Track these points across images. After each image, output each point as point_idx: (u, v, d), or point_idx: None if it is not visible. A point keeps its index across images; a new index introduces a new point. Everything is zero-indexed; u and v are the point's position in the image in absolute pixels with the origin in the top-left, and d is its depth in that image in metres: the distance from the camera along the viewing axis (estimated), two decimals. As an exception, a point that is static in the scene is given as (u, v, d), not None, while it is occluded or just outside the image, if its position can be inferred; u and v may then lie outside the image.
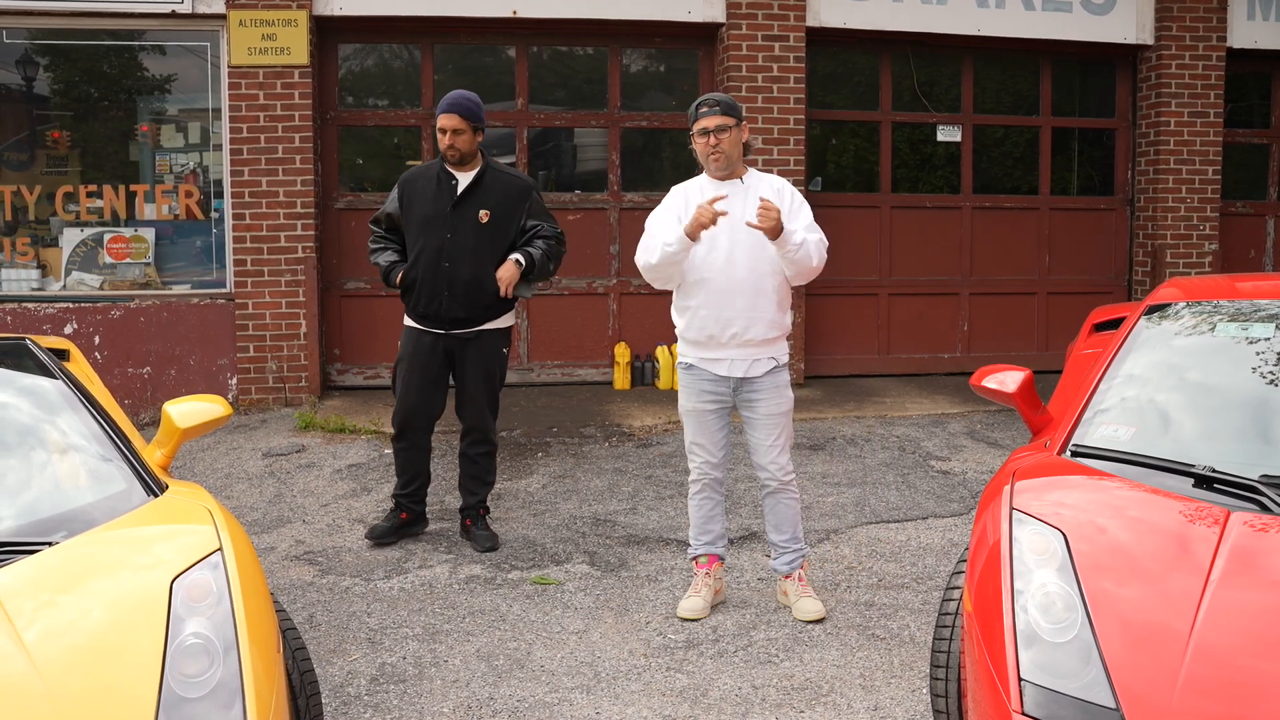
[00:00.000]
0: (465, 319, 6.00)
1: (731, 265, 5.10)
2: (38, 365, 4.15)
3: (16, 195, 9.19)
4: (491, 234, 6.00)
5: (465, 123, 5.93)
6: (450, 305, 5.96)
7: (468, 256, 5.94)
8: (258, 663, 2.96)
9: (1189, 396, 4.05)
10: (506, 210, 6.03)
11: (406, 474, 6.30)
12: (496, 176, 6.08)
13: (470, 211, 5.98)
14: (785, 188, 5.26)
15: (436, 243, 5.95)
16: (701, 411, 5.27)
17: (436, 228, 5.97)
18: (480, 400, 6.15)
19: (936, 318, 10.53)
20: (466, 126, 5.93)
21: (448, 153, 5.98)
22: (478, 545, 6.18)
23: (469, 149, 5.98)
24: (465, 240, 5.95)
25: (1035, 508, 3.46)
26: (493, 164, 6.14)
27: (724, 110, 5.13)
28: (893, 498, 7.09)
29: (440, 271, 5.94)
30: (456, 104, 5.96)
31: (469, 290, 5.95)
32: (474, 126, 5.96)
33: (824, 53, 10.13)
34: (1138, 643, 2.99)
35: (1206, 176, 10.50)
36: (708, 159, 5.18)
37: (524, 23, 9.43)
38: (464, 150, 5.97)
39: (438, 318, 6.01)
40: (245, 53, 8.93)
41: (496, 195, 6.02)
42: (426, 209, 6.01)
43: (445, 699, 4.47)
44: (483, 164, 6.06)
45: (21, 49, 9.19)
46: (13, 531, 3.32)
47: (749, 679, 4.62)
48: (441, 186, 6.01)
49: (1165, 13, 10.28)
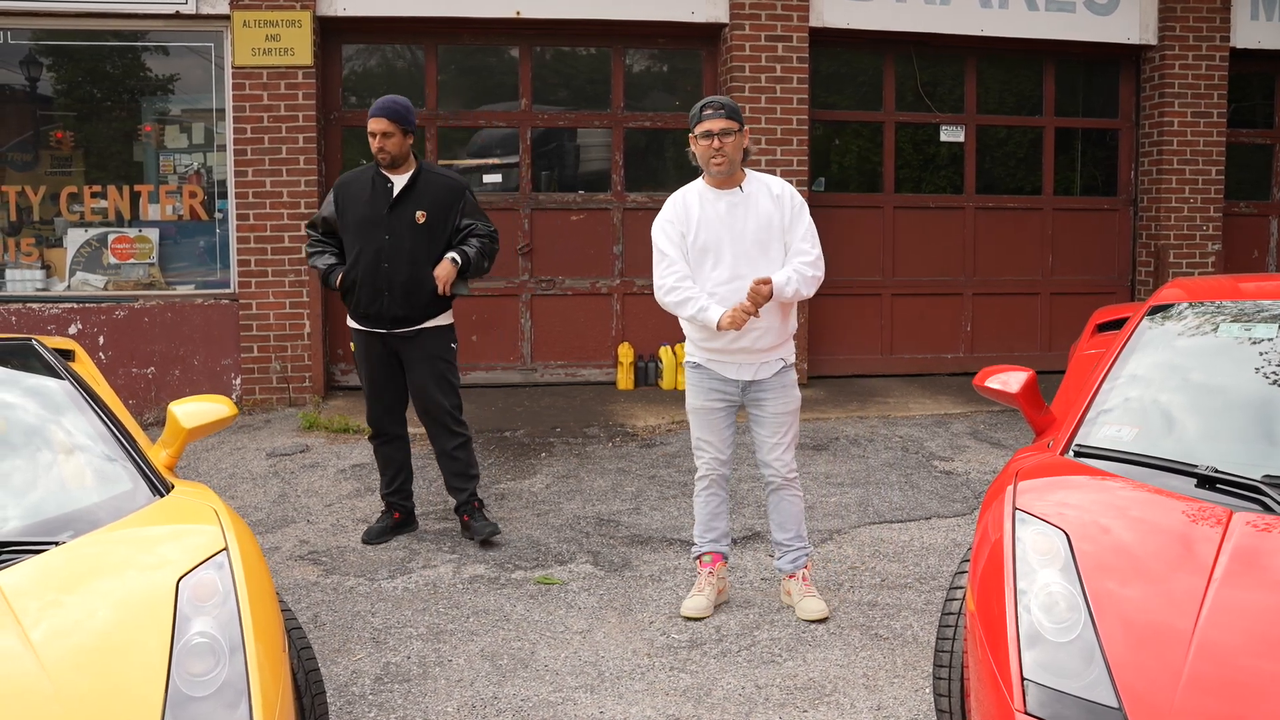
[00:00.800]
0: (405, 318, 6.11)
1: (736, 280, 5.10)
2: (43, 365, 4.17)
3: (21, 196, 9.21)
4: (428, 234, 6.12)
5: (394, 125, 6.05)
6: (390, 305, 6.07)
7: (405, 257, 6.07)
8: (263, 662, 2.97)
9: (1192, 397, 4.05)
10: (441, 211, 6.15)
11: (389, 471, 6.43)
12: (430, 178, 6.21)
13: (406, 213, 6.10)
14: (785, 191, 5.23)
15: (375, 245, 6.08)
16: (709, 409, 5.28)
17: (374, 230, 6.10)
18: (435, 396, 6.22)
19: (939, 318, 10.53)
20: (395, 129, 6.06)
21: (379, 155, 6.11)
22: (478, 534, 6.24)
23: (399, 151, 6.10)
24: (402, 241, 6.08)
25: (1038, 508, 3.47)
26: (426, 165, 6.31)
27: (728, 114, 5.11)
28: (896, 498, 7.09)
29: (380, 272, 6.06)
30: (385, 108, 6.10)
31: (407, 290, 6.06)
32: (403, 129, 6.09)
33: (827, 53, 10.13)
34: (1140, 642, 2.99)
35: (1210, 177, 10.50)
36: (709, 162, 5.13)
37: (527, 23, 9.44)
38: (394, 153, 6.09)
39: (379, 318, 6.12)
40: (249, 53, 8.94)
41: (431, 196, 6.15)
42: (363, 212, 6.13)
43: (449, 698, 4.48)
44: (417, 166, 6.21)
45: (26, 49, 9.20)
46: (19, 531, 3.33)
47: (752, 678, 4.63)
48: (377, 189, 6.14)
49: (1168, 13, 10.28)
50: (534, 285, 9.82)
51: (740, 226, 5.10)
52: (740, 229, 5.10)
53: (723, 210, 5.14)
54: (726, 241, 5.10)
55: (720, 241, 5.10)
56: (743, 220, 5.11)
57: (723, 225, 5.12)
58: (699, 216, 5.15)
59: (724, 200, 5.16)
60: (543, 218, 9.81)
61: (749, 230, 5.11)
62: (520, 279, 9.79)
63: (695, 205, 5.19)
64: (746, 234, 5.11)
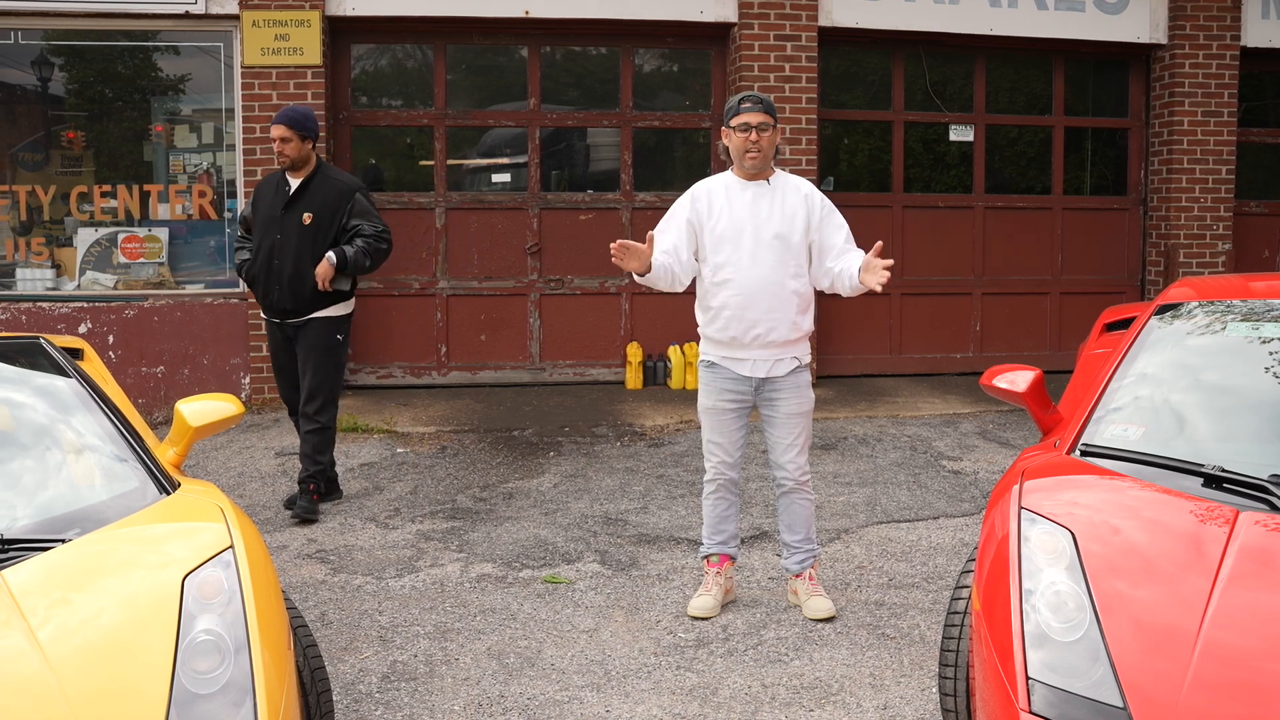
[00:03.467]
0: (293, 310, 6.65)
1: (756, 268, 5.10)
2: (52, 365, 4.18)
3: (31, 195, 9.25)
4: (313, 234, 6.58)
5: (292, 132, 6.53)
6: (280, 298, 6.64)
7: (291, 255, 6.58)
8: (269, 660, 2.98)
9: (1199, 396, 4.04)
10: (328, 212, 6.60)
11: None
12: (323, 181, 6.67)
13: (296, 214, 6.60)
14: (813, 193, 5.24)
15: (270, 242, 6.63)
16: (721, 410, 5.26)
17: (270, 229, 6.65)
18: (310, 380, 6.69)
19: (949, 317, 10.51)
20: (293, 135, 6.53)
21: (279, 159, 6.63)
22: (294, 510, 6.66)
23: (298, 155, 6.58)
24: (290, 240, 6.59)
25: (1044, 507, 3.46)
26: (324, 169, 6.76)
27: (765, 109, 5.12)
28: (904, 497, 7.09)
29: (272, 268, 6.63)
30: (283, 116, 6.59)
31: (292, 284, 6.59)
32: (301, 135, 6.56)
33: (836, 52, 10.13)
34: (1146, 642, 2.99)
35: (1220, 176, 10.47)
36: (744, 155, 5.12)
37: (536, 23, 9.45)
38: (293, 156, 6.58)
39: (272, 308, 6.72)
40: (258, 53, 8.96)
41: (320, 198, 6.61)
42: (266, 212, 6.71)
43: (456, 697, 4.48)
44: (314, 169, 6.68)
45: (37, 50, 9.24)
46: (27, 529, 3.34)
47: (759, 678, 4.63)
48: (278, 191, 6.70)
49: (1179, 12, 10.26)
50: (543, 285, 9.82)
51: (764, 217, 5.11)
52: (763, 220, 5.11)
53: (749, 199, 5.15)
54: (748, 231, 5.11)
55: (741, 230, 5.11)
56: (767, 211, 5.13)
57: (746, 214, 5.13)
58: (722, 204, 5.16)
59: (750, 190, 5.17)
60: (551, 217, 9.82)
61: (773, 221, 5.12)
62: (529, 278, 9.80)
63: (720, 194, 5.20)
64: (770, 225, 5.12)
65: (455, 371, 9.80)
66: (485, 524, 6.59)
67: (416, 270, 9.68)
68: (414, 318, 9.71)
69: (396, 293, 9.66)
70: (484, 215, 9.78)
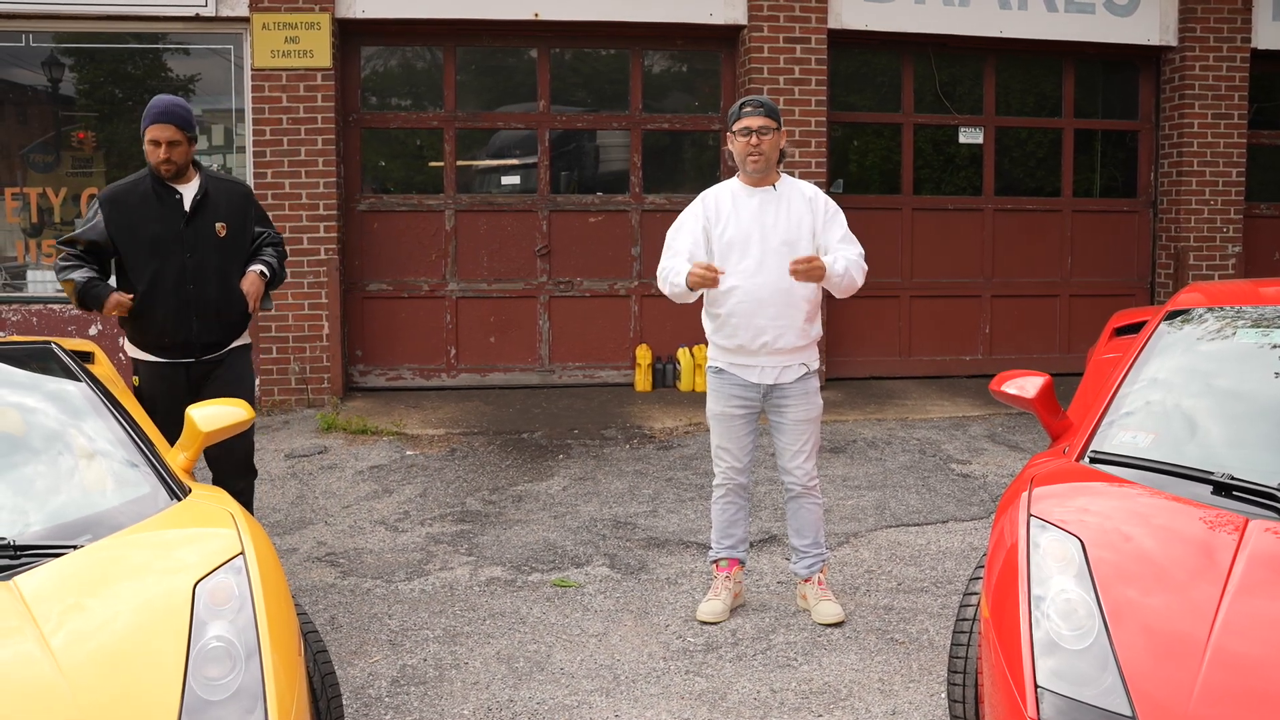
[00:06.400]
0: (216, 342, 5.47)
1: (763, 274, 5.11)
2: (62, 369, 4.19)
3: (42, 197, 9.27)
4: (231, 247, 5.47)
5: (181, 133, 5.31)
6: (201, 330, 5.40)
7: (214, 276, 5.40)
8: (279, 666, 2.99)
9: (1209, 403, 4.03)
10: (238, 220, 5.51)
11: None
12: (219, 185, 5.55)
13: (206, 227, 5.40)
14: (818, 196, 5.26)
15: (176, 265, 5.34)
16: (730, 416, 5.27)
17: (172, 249, 5.34)
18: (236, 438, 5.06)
19: (958, 320, 10.50)
20: (183, 137, 5.32)
21: (163, 167, 5.32)
22: None
23: (185, 160, 5.37)
24: (209, 258, 5.39)
25: (1054, 514, 3.46)
26: (208, 172, 5.59)
27: (767, 112, 5.14)
28: (913, 501, 7.08)
29: (185, 295, 5.35)
30: (170, 113, 5.33)
31: (219, 310, 5.43)
32: (189, 137, 5.37)
33: (846, 54, 10.12)
34: (1155, 650, 2.99)
35: (1230, 179, 10.45)
36: (746, 159, 5.16)
37: (545, 25, 9.45)
38: (180, 163, 5.34)
39: (187, 345, 5.41)
40: (268, 55, 8.98)
41: (226, 206, 5.48)
42: (154, 229, 5.34)
43: (465, 701, 4.49)
44: (200, 173, 5.48)
45: (47, 51, 9.26)
46: (38, 535, 3.35)
47: (767, 682, 4.63)
48: (165, 203, 5.36)
49: (1189, 14, 10.24)
50: (552, 287, 9.83)
51: (771, 223, 5.13)
52: (770, 226, 5.13)
53: (755, 206, 5.17)
54: (755, 238, 5.12)
55: (749, 237, 5.12)
56: (773, 217, 5.14)
57: (754, 221, 5.14)
58: (730, 211, 5.17)
59: (757, 197, 5.19)
60: (561, 219, 9.83)
61: (779, 228, 5.13)
62: (538, 280, 9.81)
63: (727, 201, 5.22)
64: (776, 231, 5.13)
65: (464, 374, 9.81)
66: (494, 527, 6.60)
67: (426, 272, 9.69)
68: (423, 320, 9.72)
69: (406, 294, 9.67)
70: (493, 217, 9.79)
